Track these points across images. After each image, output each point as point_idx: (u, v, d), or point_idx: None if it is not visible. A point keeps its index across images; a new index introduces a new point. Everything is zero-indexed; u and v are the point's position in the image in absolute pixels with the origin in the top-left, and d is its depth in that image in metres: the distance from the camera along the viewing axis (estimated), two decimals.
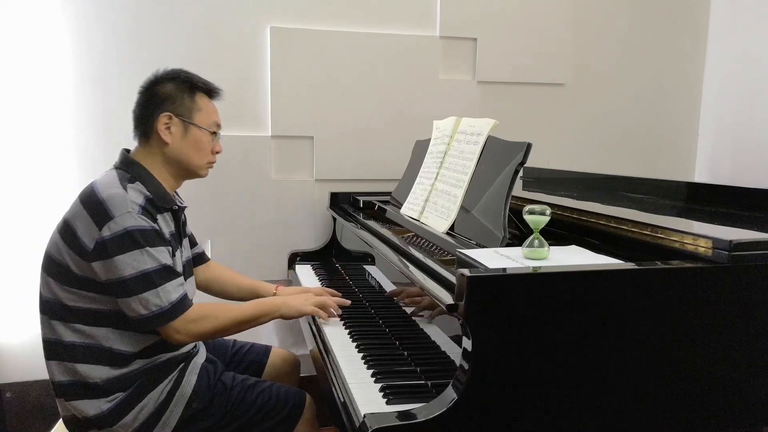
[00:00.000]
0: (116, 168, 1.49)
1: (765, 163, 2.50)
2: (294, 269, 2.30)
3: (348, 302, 1.65)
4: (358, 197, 2.29)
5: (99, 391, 1.40)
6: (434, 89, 2.50)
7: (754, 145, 2.56)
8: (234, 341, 1.83)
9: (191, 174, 1.57)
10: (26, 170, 2.20)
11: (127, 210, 1.36)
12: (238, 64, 2.32)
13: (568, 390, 1.05)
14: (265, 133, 2.38)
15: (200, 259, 1.79)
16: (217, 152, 1.60)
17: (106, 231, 1.34)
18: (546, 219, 1.17)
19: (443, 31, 2.49)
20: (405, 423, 0.98)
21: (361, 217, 2.05)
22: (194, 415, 1.46)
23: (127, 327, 1.40)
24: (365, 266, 2.09)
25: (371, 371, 1.29)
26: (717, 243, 1.07)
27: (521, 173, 1.50)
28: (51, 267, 1.41)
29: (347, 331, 1.55)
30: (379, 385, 1.21)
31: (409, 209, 1.80)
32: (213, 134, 1.57)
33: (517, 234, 1.40)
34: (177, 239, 1.53)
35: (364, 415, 1.01)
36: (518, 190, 1.98)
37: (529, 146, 1.39)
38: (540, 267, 1.08)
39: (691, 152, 2.86)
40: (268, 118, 2.37)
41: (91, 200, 1.37)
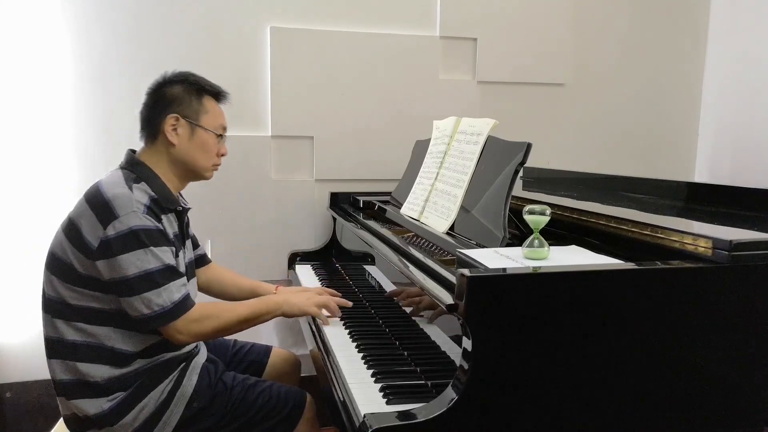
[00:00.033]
0: (122, 168, 1.50)
1: (765, 163, 2.51)
2: (294, 269, 2.30)
3: (350, 303, 1.65)
4: (358, 197, 2.29)
5: (100, 390, 1.40)
6: (434, 89, 2.50)
7: (754, 145, 2.56)
8: (234, 341, 1.83)
9: (196, 176, 1.58)
10: (27, 170, 2.20)
11: (132, 209, 1.36)
12: (238, 64, 2.32)
13: (568, 390, 1.05)
14: (265, 133, 2.38)
15: (202, 261, 1.80)
16: (223, 155, 1.60)
17: (111, 230, 1.34)
18: (546, 219, 1.17)
19: (443, 31, 2.49)
20: (405, 423, 0.98)
21: (361, 217, 2.05)
22: (195, 415, 1.46)
23: (130, 326, 1.40)
24: (365, 266, 2.09)
25: (371, 371, 1.29)
26: (717, 243, 1.07)
27: (521, 173, 1.50)
28: (55, 265, 1.42)
29: (347, 331, 1.55)
30: (379, 385, 1.21)
31: (409, 209, 1.80)
32: (219, 137, 1.57)
33: (517, 234, 1.40)
34: (180, 240, 1.54)
35: (364, 415, 1.01)
36: (518, 190, 1.98)
37: (529, 146, 1.39)
38: (540, 267, 1.08)
39: (691, 152, 2.86)
40: (268, 118, 2.37)
41: (97, 199, 1.38)
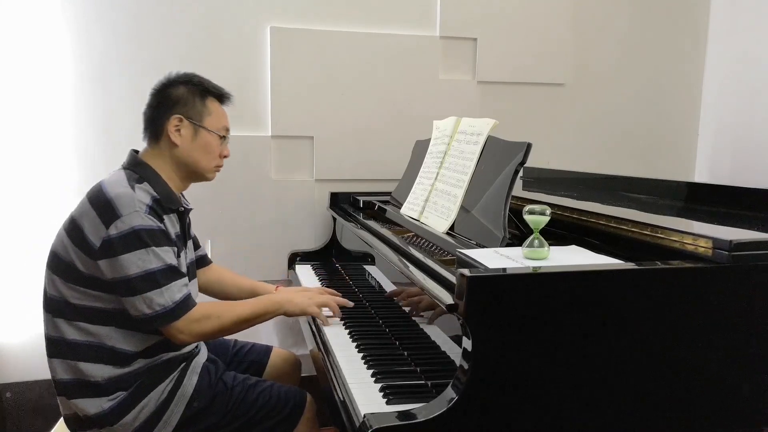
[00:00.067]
0: (124, 168, 1.50)
1: (765, 163, 2.50)
2: (294, 269, 2.30)
3: (351, 303, 1.64)
4: (358, 197, 2.29)
5: (100, 390, 1.40)
6: (434, 89, 2.50)
7: (754, 145, 2.56)
8: (235, 341, 1.83)
9: (199, 176, 1.58)
10: (27, 170, 2.20)
11: (135, 209, 1.36)
12: (238, 64, 2.32)
13: (568, 390, 1.05)
14: (265, 133, 2.38)
15: (202, 262, 1.80)
16: (225, 156, 1.61)
17: (113, 229, 1.34)
18: (546, 219, 1.17)
19: (443, 31, 2.49)
20: (405, 423, 0.98)
21: (361, 217, 2.05)
22: (195, 415, 1.46)
23: (131, 326, 1.40)
24: (365, 266, 2.09)
25: (371, 371, 1.29)
26: (717, 243, 1.07)
27: (521, 173, 1.50)
28: (57, 265, 1.42)
29: (347, 331, 1.55)
30: (379, 385, 1.21)
31: (409, 209, 1.80)
32: (222, 138, 1.58)
33: (517, 234, 1.40)
34: (182, 240, 1.54)
35: (364, 415, 1.01)
36: (518, 190, 1.98)
37: (529, 146, 1.39)
38: (540, 267, 1.08)
39: (691, 152, 2.86)
40: (268, 118, 2.37)
41: (99, 199, 1.38)
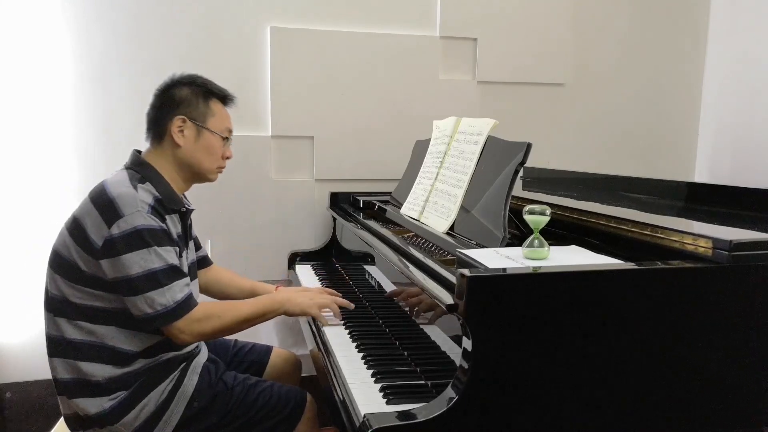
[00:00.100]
0: (127, 168, 1.50)
1: (765, 163, 2.51)
2: (294, 269, 2.30)
3: (352, 306, 1.64)
4: (358, 197, 2.29)
5: (101, 390, 1.40)
6: (434, 89, 2.50)
7: (754, 145, 2.56)
8: (235, 341, 1.83)
9: (201, 177, 1.58)
10: (27, 170, 2.20)
11: (137, 209, 1.36)
12: (238, 64, 2.32)
13: (568, 390, 1.06)
14: (265, 133, 2.38)
15: (203, 263, 1.80)
16: (228, 158, 1.61)
17: (116, 229, 1.34)
18: (546, 219, 1.17)
19: (443, 31, 2.49)
20: (405, 423, 0.98)
21: (361, 217, 2.05)
22: (195, 415, 1.46)
23: (132, 326, 1.40)
24: (365, 266, 2.09)
25: (371, 371, 1.29)
26: (717, 243, 1.07)
27: (521, 173, 1.50)
28: (58, 264, 1.42)
29: (347, 331, 1.55)
30: (379, 385, 1.21)
31: (409, 209, 1.80)
32: (225, 139, 1.58)
33: (517, 234, 1.40)
34: (184, 241, 1.54)
35: (365, 415, 1.01)
36: (518, 190, 1.98)
37: (529, 146, 1.39)
38: (540, 267, 1.08)
39: (691, 152, 2.86)
40: (268, 118, 2.37)
41: (102, 198, 1.38)
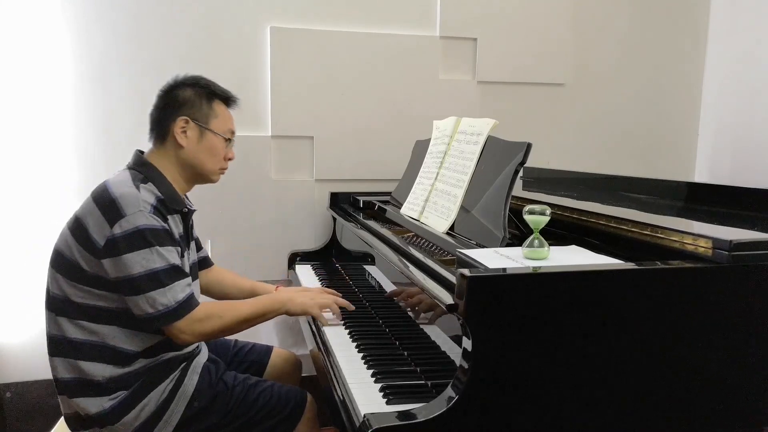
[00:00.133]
0: (129, 168, 1.50)
1: (765, 163, 2.50)
2: (294, 269, 2.30)
3: (352, 307, 1.64)
4: (358, 197, 2.29)
5: (101, 389, 1.40)
6: (434, 89, 2.50)
7: (754, 145, 2.56)
8: (235, 341, 1.83)
9: (203, 178, 1.59)
10: (26, 170, 2.20)
11: (139, 209, 1.37)
12: (238, 64, 2.32)
13: (568, 390, 1.06)
14: (265, 133, 2.38)
15: (204, 263, 1.80)
16: (230, 159, 1.62)
17: (118, 229, 1.34)
18: (546, 219, 1.17)
19: (443, 31, 2.49)
20: (405, 423, 0.98)
21: (361, 217, 2.05)
22: (196, 414, 1.46)
23: (133, 326, 1.40)
24: (365, 266, 2.09)
25: (371, 371, 1.29)
26: (717, 243, 1.07)
27: (521, 173, 1.50)
28: (60, 263, 1.42)
29: (347, 331, 1.55)
30: (379, 385, 1.21)
31: (409, 209, 1.80)
32: (227, 141, 1.59)
33: (517, 234, 1.40)
34: (185, 241, 1.54)
35: (365, 415, 1.01)
36: (518, 190, 1.98)
37: (529, 146, 1.39)
38: (540, 267, 1.08)
39: (691, 152, 2.86)
40: (268, 118, 2.37)
41: (104, 198, 1.38)
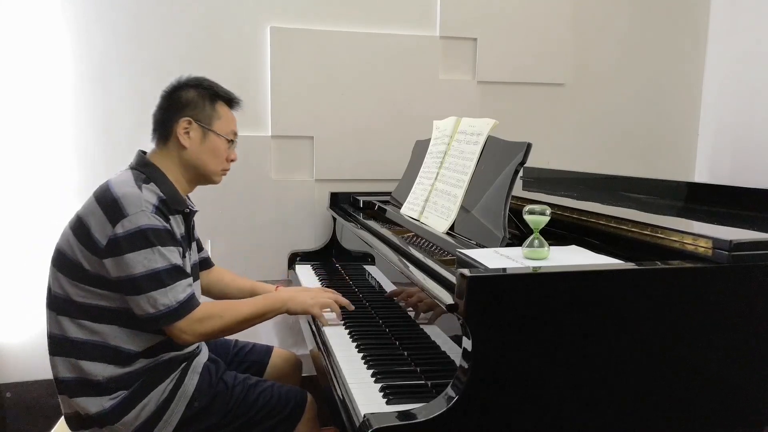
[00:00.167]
0: (132, 168, 1.51)
1: (765, 163, 2.50)
2: (294, 269, 2.30)
3: (352, 307, 1.64)
4: (358, 197, 2.29)
5: (102, 389, 1.40)
6: (434, 89, 2.50)
7: (754, 145, 2.56)
8: (236, 341, 1.83)
9: (205, 179, 1.59)
10: (26, 170, 2.20)
11: (141, 209, 1.37)
12: (238, 64, 2.32)
13: (568, 390, 1.05)
14: (265, 133, 2.38)
15: (205, 264, 1.80)
16: (232, 160, 1.62)
17: (120, 228, 1.34)
18: (546, 219, 1.17)
19: (443, 31, 2.49)
20: (405, 423, 0.98)
21: (361, 217, 2.05)
22: (196, 414, 1.46)
23: (135, 325, 1.41)
24: (365, 266, 2.09)
25: (371, 371, 1.29)
26: (717, 243, 1.07)
27: (521, 173, 1.50)
28: (62, 262, 1.42)
29: (347, 331, 1.55)
30: (379, 385, 1.21)
31: (409, 209, 1.80)
32: (230, 142, 1.59)
33: (517, 234, 1.40)
34: (187, 242, 1.54)
35: (364, 415, 1.01)
36: (518, 190, 1.98)
37: (529, 146, 1.39)
38: (540, 267, 1.08)
39: (691, 152, 2.86)
40: (268, 118, 2.37)
41: (106, 198, 1.38)
